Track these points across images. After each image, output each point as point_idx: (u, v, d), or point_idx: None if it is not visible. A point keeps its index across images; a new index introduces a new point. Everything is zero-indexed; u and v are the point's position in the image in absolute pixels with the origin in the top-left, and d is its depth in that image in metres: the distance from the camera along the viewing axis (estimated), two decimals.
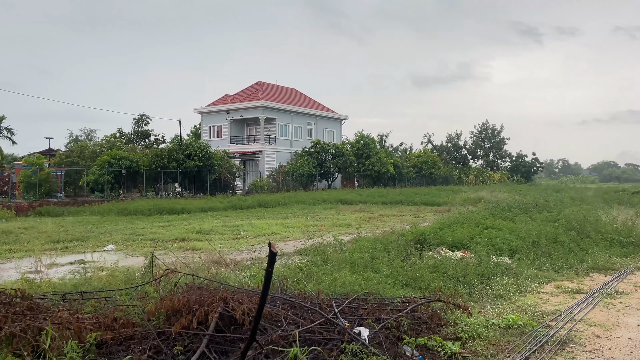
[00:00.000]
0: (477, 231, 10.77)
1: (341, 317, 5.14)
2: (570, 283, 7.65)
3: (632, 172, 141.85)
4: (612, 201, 24.86)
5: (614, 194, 32.16)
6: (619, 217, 14.17)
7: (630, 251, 10.10)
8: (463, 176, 68.40)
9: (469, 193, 33.88)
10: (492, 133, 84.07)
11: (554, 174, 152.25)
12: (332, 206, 27.85)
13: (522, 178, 75.43)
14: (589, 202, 22.66)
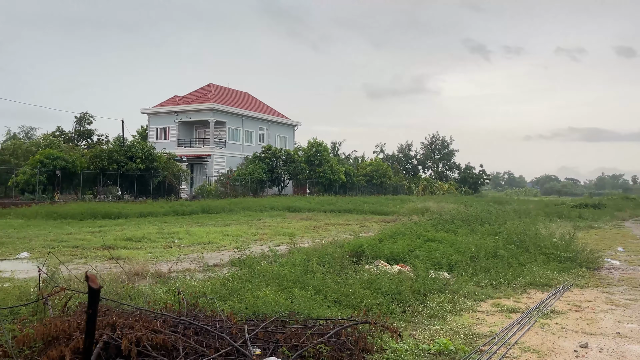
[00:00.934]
0: (418, 243, 10.45)
1: (255, 344, 4.55)
2: (507, 301, 7.36)
3: (571, 186, 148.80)
4: (553, 214, 25.49)
5: (554, 207, 33.14)
6: (557, 231, 14.29)
7: (568, 266, 10.02)
8: (413, 186, 69.36)
9: (416, 203, 34.04)
10: (442, 145, 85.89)
11: (500, 186, 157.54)
12: (279, 213, 27.20)
13: (469, 189, 77.24)
14: (530, 215, 23.08)
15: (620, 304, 7.30)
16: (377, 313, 6.29)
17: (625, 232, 19.67)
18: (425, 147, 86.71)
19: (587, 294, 8.01)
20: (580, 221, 23.93)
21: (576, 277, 9.28)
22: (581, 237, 16.94)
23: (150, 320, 4.32)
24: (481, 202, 40.83)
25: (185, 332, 4.31)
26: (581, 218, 25.66)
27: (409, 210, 28.31)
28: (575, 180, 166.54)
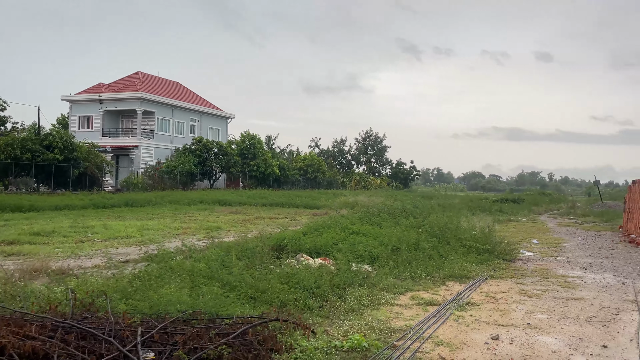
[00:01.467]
0: (342, 236, 10.30)
1: (149, 347, 4.13)
2: (425, 293, 7.34)
3: (494, 183, 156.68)
4: (476, 209, 26.48)
5: (478, 202, 34.48)
6: (478, 224, 14.71)
7: (486, 258, 10.27)
8: (347, 181, 70.11)
9: (348, 197, 34.31)
10: (375, 141, 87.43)
11: (429, 182, 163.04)
12: (208, 207, 26.36)
13: (400, 184, 79.19)
14: (455, 209, 23.80)
15: (532, 294, 7.49)
16: (293, 309, 6.04)
17: (540, 225, 20.74)
18: (359, 143, 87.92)
19: (502, 285, 8.19)
20: (501, 215, 25.02)
21: (493, 269, 9.50)
22: (500, 230, 17.63)
23: (24, 324, 3.79)
24: (410, 196, 41.83)
25: (65, 337, 3.81)
26: (501, 212, 26.85)
27: (340, 204, 28.40)
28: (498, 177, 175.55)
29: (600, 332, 5.59)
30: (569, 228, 20.04)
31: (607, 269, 10.17)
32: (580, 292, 7.72)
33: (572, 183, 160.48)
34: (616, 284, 8.49)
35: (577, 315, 6.29)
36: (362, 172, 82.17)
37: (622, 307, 6.79)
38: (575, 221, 24.18)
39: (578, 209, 31.98)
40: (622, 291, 7.91)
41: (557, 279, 8.86)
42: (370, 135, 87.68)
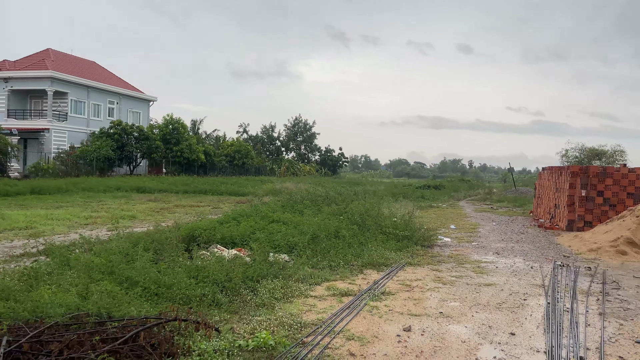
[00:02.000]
0: (261, 225, 9.93)
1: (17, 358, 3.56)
2: (342, 283, 7.16)
3: (419, 169, 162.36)
4: (399, 195, 27.05)
5: (402, 188, 35.32)
6: (399, 210, 14.89)
7: (405, 245, 10.31)
8: (276, 167, 69.54)
9: (275, 184, 33.91)
10: (304, 127, 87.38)
11: (357, 169, 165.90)
12: (125, 195, 24.93)
13: (329, 171, 79.85)
14: (378, 196, 24.12)
15: (447, 281, 7.54)
16: (199, 306, 5.62)
17: (459, 211, 21.49)
18: (289, 130, 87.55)
19: (418, 272, 8.19)
20: (423, 201, 25.72)
21: (411, 256, 9.54)
22: (421, 216, 18.02)
23: None
24: (338, 183, 42.13)
25: None
26: (423, 198, 27.63)
27: (267, 191, 27.95)
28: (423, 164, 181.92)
29: (509, 319, 5.64)
30: (484, 213, 20.91)
31: (518, 253, 10.56)
32: (492, 278, 7.88)
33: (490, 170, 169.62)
34: (525, 269, 8.79)
35: (487, 302, 6.35)
36: (292, 158, 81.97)
37: (530, 292, 6.96)
38: (491, 206, 25.34)
39: (494, 194, 33.62)
40: (531, 275, 8.17)
41: (471, 264, 9.03)
42: (299, 121, 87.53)
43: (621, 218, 12.21)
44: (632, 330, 5.28)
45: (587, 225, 15.18)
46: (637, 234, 10.88)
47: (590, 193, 15.39)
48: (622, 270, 8.99)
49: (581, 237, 12.45)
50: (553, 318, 5.63)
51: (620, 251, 10.55)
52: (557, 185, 17.45)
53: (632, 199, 15.06)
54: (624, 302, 6.56)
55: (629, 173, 15.26)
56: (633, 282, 7.87)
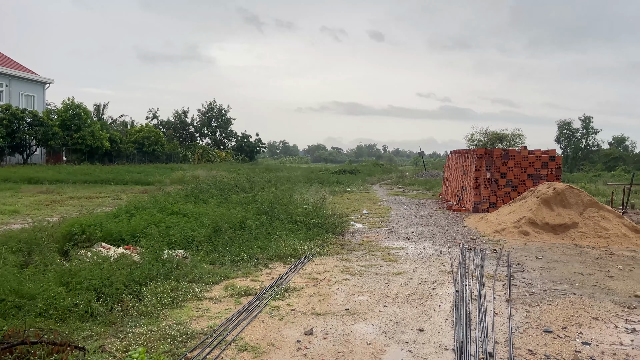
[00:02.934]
0: (158, 218, 8.99)
1: None
2: (243, 280, 6.52)
3: (336, 154, 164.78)
4: (314, 180, 26.79)
5: (318, 173, 35.19)
6: (311, 197, 14.47)
7: (315, 233, 9.86)
8: (189, 154, 66.88)
9: (187, 172, 32.35)
10: (219, 113, 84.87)
11: (275, 154, 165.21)
12: (12, 186, 22.38)
13: (246, 157, 78.35)
14: (293, 182, 23.65)
15: (356, 272, 7.14)
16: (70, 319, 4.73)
17: (372, 195, 21.56)
18: (203, 115, 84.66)
19: (327, 262, 7.74)
20: (337, 186, 25.63)
21: (321, 245, 9.10)
22: (335, 201, 17.78)
23: None
24: (253, 169, 41.26)
25: None
26: (338, 183, 27.58)
27: (175, 179, 26.51)
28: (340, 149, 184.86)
29: (418, 312, 5.32)
30: (397, 197, 21.14)
31: (427, 237, 10.50)
32: (401, 266, 7.61)
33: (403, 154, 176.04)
34: (434, 254, 8.65)
35: (396, 294, 6.01)
36: (207, 145, 79.35)
37: (438, 280, 6.74)
38: (403, 190, 25.80)
39: (406, 178, 34.45)
40: (440, 261, 8.02)
41: (381, 251, 8.75)
42: (214, 106, 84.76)
43: (523, 199, 12.62)
44: (539, 318, 5.15)
45: (491, 207, 15.68)
46: (537, 214, 11.24)
47: (495, 175, 15.90)
48: (525, 251, 9.15)
49: (487, 218, 12.74)
50: (461, 308, 5.39)
51: (522, 232, 10.83)
52: (463, 168, 17.91)
53: (532, 180, 15.76)
54: (529, 285, 6.52)
55: (529, 155, 15.93)
56: (536, 264, 7.96)
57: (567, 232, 10.77)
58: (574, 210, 11.24)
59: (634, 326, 4.93)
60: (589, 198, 11.45)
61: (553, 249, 9.42)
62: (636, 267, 8.05)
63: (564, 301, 5.78)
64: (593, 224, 10.85)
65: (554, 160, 15.85)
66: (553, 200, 11.47)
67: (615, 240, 10.31)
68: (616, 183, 23.10)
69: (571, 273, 7.34)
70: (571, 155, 59.26)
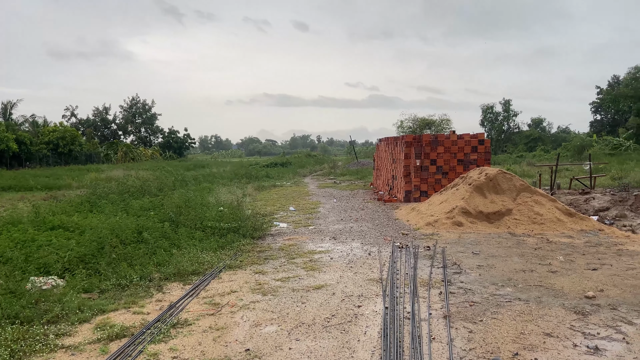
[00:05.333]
0: (31, 236, 7.34)
1: None
2: (123, 314, 5.14)
3: (270, 147, 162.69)
4: (242, 176, 25.31)
5: (248, 167, 33.66)
6: (232, 196, 13.14)
7: (229, 240, 8.57)
8: (111, 153, 62.87)
9: (104, 172, 29.77)
10: (143, 108, 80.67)
11: (208, 149, 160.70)
12: None
13: (174, 154, 75.04)
14: (218, 178, 22.11)
15: (269, 289, 5.95)
16: None
17: (302, 189, 20.46)
18: (125, 111, 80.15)
19: (237, 278, 6.50)
20: (267, 180, 24.33)
21: (234, 254, 7.83)
22: (261, 198, 16.50)
23: None
24: (181, 166, 39.06)
25: None
26: (268, 177, 26.28)
27: (90, 181, 24.09)
28: (274, 142, 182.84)
29: (338, 345, 4.21)
30: (327, 189, 20.17)
31: (356, 235, 9.50)
32: (324, 276, 6.51)
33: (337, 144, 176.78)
34: (363, 256, 7.64)
35: (313, 318, 4.88)
36: (131, 142, 75.08)
37: (365, 293, 5.69)
38: (334, 181, 24.93)
39: (338, 168, 33.70)
40: (368, 266, 7.00)
41: (303, 258, 7.62)
42: (137, 102, 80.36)
43: (454, 186, 11.95)
44: (485, 341, 4.20)
45: (423, 195, 15.03)
46: (470, 202, 10.56)
47: (424, 162, 15.25)
48: (460, 245, 8.36)
49: (418, 209, 11.97)
50: (392, 334, 4.34)
51: (456, 222, 10.10)
52: (393, 156, 17.19)
53: (462, 166, 15.26)
54: (469, 292, 5.62)
55: (457, 140, 15.40)
56: (474, 261, 7.14)
57: (501, 220, 10.16)
58: (507, 196, 10.66)
59: (595, 342, 4.10)
60: (521, 182, 10.92)
61: (489, 241, 8.71)
62: (576, 256, 7.44)
63: (509, 312, 4.90)
64: (527, 209, 10.31)
65: (483, 144, 15.43)
66: (485, 186, 10.84)
67: (550, 225, 9.81)
68: (543, 164, 23.46)
69: (512, 270, 6.56)
70: (495, 138, 61.21)
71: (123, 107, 79.96)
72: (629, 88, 43.78)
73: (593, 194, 13.57)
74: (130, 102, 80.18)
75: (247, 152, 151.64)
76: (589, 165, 17.18)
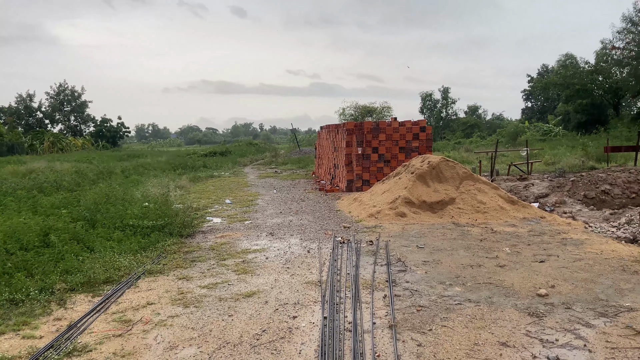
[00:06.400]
0: None
1: None
2: (9, 340, 4.23)
3: (211, 135, 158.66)
4: (178, 166, 24.04)
5: (185, 157, 32.20)
6: (158, 190, 12.13)
7: (154, 240, 7.67)
8: (37, 143, 58.74)
9: (23, 165, 27.40)
10: (72, 95, 76.01)
11: (145, 138, 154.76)
12: None
13: (108, 143, 71.35)
14: (150, 169, 20.84)
15: (192, 299, 5.19)
16: None
17: (241, 179, 19.57)
18: (52, 98, 75.27)
19: (157, 286, 5.68)
20: (204, 171, 23.19)
21: (157, 257, 6.98)
22: (196, 190, 15.53)
23: None
24: (113, 156, 36.92)
25: None
26: (206, 167, 25.12)
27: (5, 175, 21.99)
28: (215, 130, 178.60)
29: None
30: (268, 179, 19.41)
31: (295, 230, 8.87)
32: (257, 280, 5.82)
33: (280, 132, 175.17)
34: (301, 254, 7.01)
35: (241, 335, 4.20)
36: (60, 132, 70.49)
37: (302, 299, 5.06)
38: (275, 170, 24.18)
39: (280, 157, 32.93)
40: (306, 266, 6.38)
41: (235, 259, 6.89)
42: (65, 89, 75.55)
43: (397, 175, 11.57)
44: (435, 356, 3.68)
45: (365, 184, 14.62)
46: (413, 192, 10.18)
47: (366, 150, 14.82)
48: (404, 238, 7.91)
49: (360, 199, 11.49)
50: (331, 351, 3.74)
51: (399, 213, 9.69)
52: (334, 144, 16.67)
53: (404, 153, 14.96)
54: (415, 293, 5.12)
55: (399, 127, 15.07)
56: (419, 257, 6.69)
57: (445, 210, 9.85)
58: (450, 184, 10.37)
59: (555, 351, 3.68)
60: (464, 170, 10.67)
61: (433, 232, 8.33)
62: (522, 247, 7.17)
63: (460, 317, 4.43)
64: (470, 198, 10.06)
65: (425, 131, 15.18)
66: (429, 175, 10.50)
67: (494, 214, 9.60)
68: (482, 150, 23.80)
69: (459, 266, 6.15)
70: (434, 125, 62.46)
71: (50, 94, 75.11)
72: (558, 76, 45.67)
73: (532, 180, 13.65)
74: (58, 88, 75.42)
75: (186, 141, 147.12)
76: (526, 152, 17.41)
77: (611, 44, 39.62)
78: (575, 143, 31.00)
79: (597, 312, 4.44)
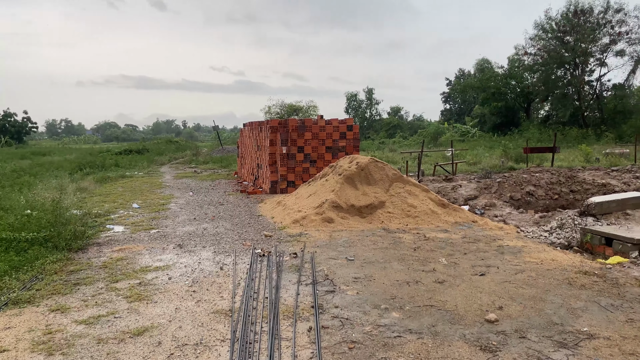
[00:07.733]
0: None
1: None
2: None
3: (131, 132, 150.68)
4: (86, 165, 21.86)
5: (96, 156, 29.61)
6: (52, 193, 10.51)
7: (30, 258, 6.28)
8: None
9: None
10: None
11: (56, 135, 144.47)
12: None
13: (12, 140, 65.23)
14: (48, 170, 18.65)
15: (61, 342, 3.99)
16: None
17: (155, 180, 17.97)
18: None
19: (19, 323, 4.40)
20: (115, 170, 21.22)
21: (31, 279, 5.63)
22: (102, 192, 13.89)
23: None
24: (12, 155, 33.39)
25: None
26: (117, 166, 23.09)
27: None
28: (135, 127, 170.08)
29: None
30: (185, 180, 17.96)
31: (209, 240, 7.76)
32: (153, 310, 4.70)
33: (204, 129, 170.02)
34: (212, 272, 5.96)
35: None
36: None
37: (207, 338, 4.04)
38: (195, 170, 22.69)
39: (201, 155, 31.27)
40: (217, 288, 5.34)
41: (130, 280, 5.70)
42: None
43: (324, 177, 10.77)
44: None
45: (290, 186, 13.73)
46: (341, 195, 9.41)
47: (291, 149, 13.92)
48: (332, 249, 7.08)
49: (285, 203, 10.56)
50: None
51: (326, 218, 8.87)
52: (258, 142, 15.63)
53: (331, 153, 14.23)
54: (346, 324, 4.26)
55: (326, 125, 14.32)
56: (349, 272, 5.87)
57: (374, 214, 9.17)
58: (379, 187, 9.71)
59: None
60: (394, 172, 10.06)
61: (363, 240, 7.58)
62: (459, 256, 6.58)
63: (402, 357, 3.62)
64: (400, 201, 9.46)
65: (352, 130, 14.55)
66: (357, 177, 9.78)
67: (425, 218, 9.04)
68: (406, 151, 23.73)
69: (394, 283, 5.39)
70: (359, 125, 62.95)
71: None
72: (475, 80, 47.37)
73: (459, 182, 13.42)
74: None
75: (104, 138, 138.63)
76: (451, 152, 17.34)
77: (524, 50, 41.59)
78: (492, 144, 32.08)
79: (556, 342, 3.81)
